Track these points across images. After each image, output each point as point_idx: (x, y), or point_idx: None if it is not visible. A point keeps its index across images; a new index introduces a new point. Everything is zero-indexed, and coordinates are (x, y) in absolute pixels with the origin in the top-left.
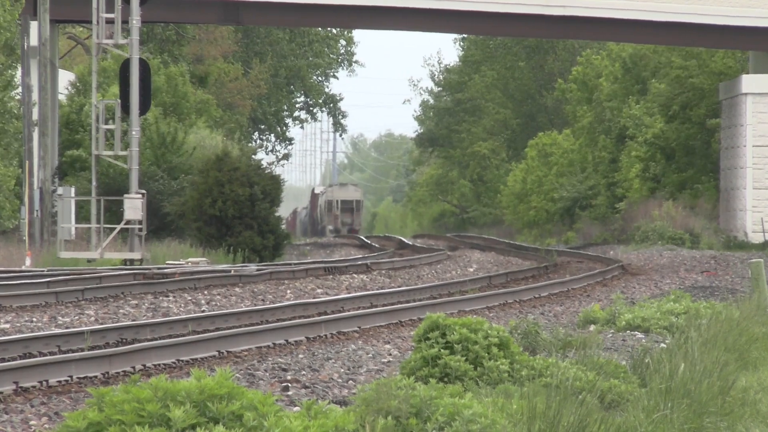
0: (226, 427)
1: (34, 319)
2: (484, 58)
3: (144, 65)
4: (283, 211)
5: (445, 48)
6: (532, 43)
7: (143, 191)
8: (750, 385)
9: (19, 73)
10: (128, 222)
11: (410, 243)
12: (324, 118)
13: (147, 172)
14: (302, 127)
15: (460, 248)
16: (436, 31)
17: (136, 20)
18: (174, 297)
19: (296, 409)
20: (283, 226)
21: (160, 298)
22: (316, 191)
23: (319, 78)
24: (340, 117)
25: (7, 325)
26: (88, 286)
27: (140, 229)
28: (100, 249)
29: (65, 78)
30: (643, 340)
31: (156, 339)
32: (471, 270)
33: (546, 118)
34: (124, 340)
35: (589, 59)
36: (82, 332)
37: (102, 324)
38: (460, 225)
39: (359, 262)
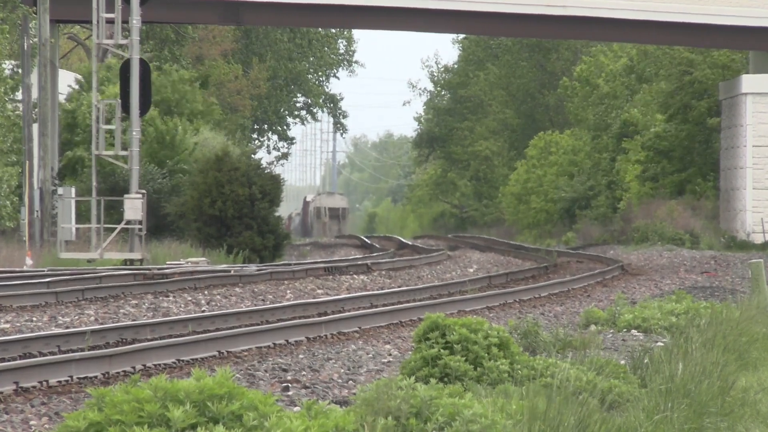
0: (226, 427)
1: (34, 319)
2: (485, 57)
3: (144, 65)
4: (284, 211)
5: (443, 49)
6: (534, 42)
7: (143, 191)
8: (750, 386)
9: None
10: (128, 222)
11: (410, 243)
12: (324, 118)
13: (146, 172)
14: (303, 125)
15: (460, 248)
16: (435, 31)
17: (136, 20)
18: (174, 297)
19: (296, 409)
20: (283, 225)
21: (160, 298)
22: (308, 199)
23: (320, 78)
24: (340, 117)
25: (7, 325)
26: (88, 286)
27: (140, 230)
28: (100, 249)
29: (66, 78)
30: (641, 338)
31: (156, 339)
32: (471, 270)
33: (547, 118)
34: (124, 340)
35: (596, 57)
36: (83, 332)
37: (102, 324)
38: (460, 225)
39: (359, 263)
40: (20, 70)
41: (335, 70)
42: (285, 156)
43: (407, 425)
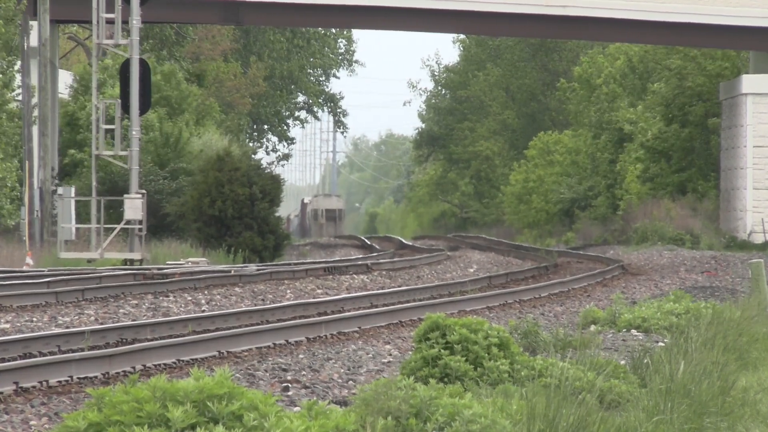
0: (226, 427)
1: (34, 319)
2: (486, 57)
3: (144, 65)
4: (282, 212)
5: (444, 49)
6: (535, 42)
7: (143, 191)
8: (750, 386)
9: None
10: (128, 222)
11: (410, 243)
12: (324, 118)
13: (149, 172)
14: (303, 127)
15: (461, 248)
16: (436, 31)
17: (136, 20)
18: (174, 297)
19: (296, 409)
20: (283, 226)
21: (161, 298)
22: (305, 201)
23: (321, 78)
24: (341, 116)
25: (7, 325)
26: (88, 286)
27: (140, 230)
28: (100, 249)
29: (66, 78)
30: (641, 338)
31: (156, 339)
32: (471, 270)
33: (548, 118)
34: (125, 340)
35: (594, 58)
36: (83, 332)
37: (102, 324)
38: (460, 225)
39: (359, 263)
40: (13, 68)
41: (335, 70)
42: (286, 157)
43: (407, 425)
